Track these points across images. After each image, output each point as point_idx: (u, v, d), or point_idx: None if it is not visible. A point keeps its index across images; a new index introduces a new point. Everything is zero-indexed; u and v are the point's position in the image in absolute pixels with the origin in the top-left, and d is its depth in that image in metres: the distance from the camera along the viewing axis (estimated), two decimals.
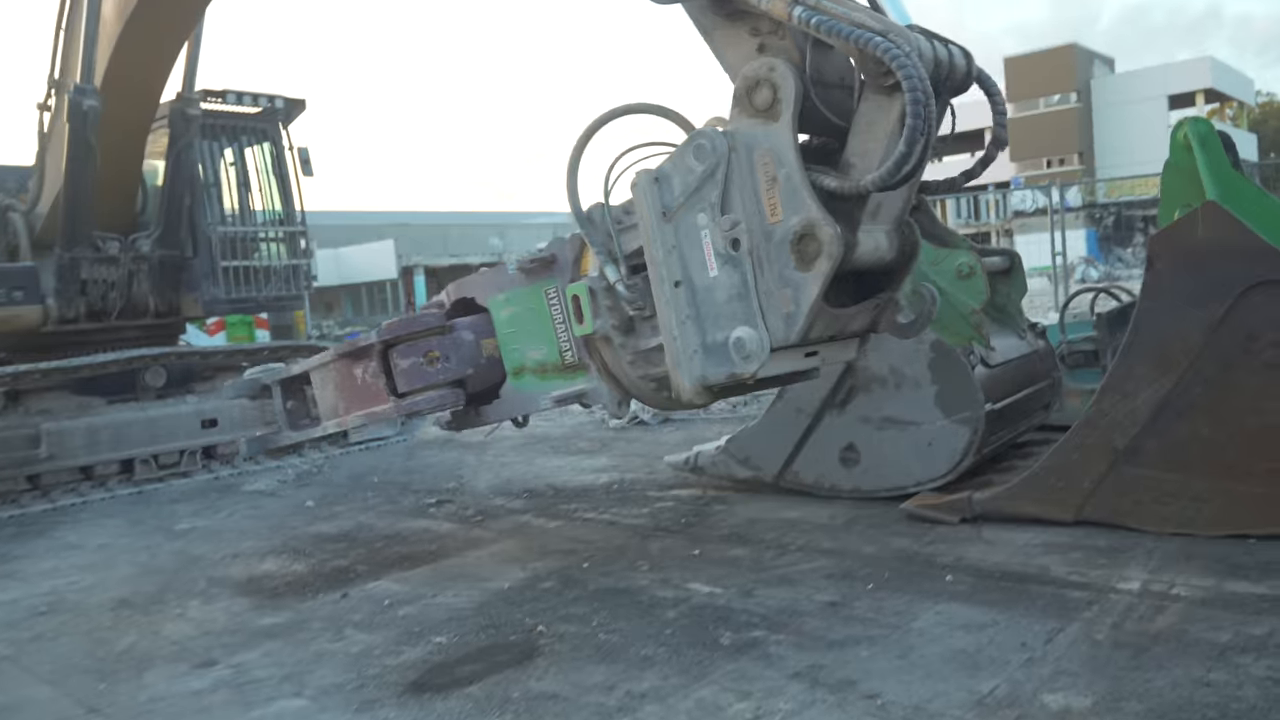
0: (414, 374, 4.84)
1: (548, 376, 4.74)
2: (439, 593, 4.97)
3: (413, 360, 4.84)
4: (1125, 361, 5.01)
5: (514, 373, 4.85)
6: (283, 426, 5.83)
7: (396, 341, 4.91)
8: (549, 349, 4.70)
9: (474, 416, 5.17)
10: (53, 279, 9.14)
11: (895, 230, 4.19)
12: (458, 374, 4.87)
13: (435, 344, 4.86)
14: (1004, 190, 54.67)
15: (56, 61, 8.86)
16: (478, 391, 5.02)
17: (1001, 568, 4.67)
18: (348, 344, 5.13)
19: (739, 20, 4.06)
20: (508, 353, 4.87)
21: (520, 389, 4.84)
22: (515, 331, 4.82)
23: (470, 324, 4.95)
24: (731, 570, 4.97)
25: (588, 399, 4.65)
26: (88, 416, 8.73)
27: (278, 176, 10.38)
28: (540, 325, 4.72)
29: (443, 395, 4.87)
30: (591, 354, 4.54)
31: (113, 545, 6.73)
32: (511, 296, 4.82)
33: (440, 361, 4.84)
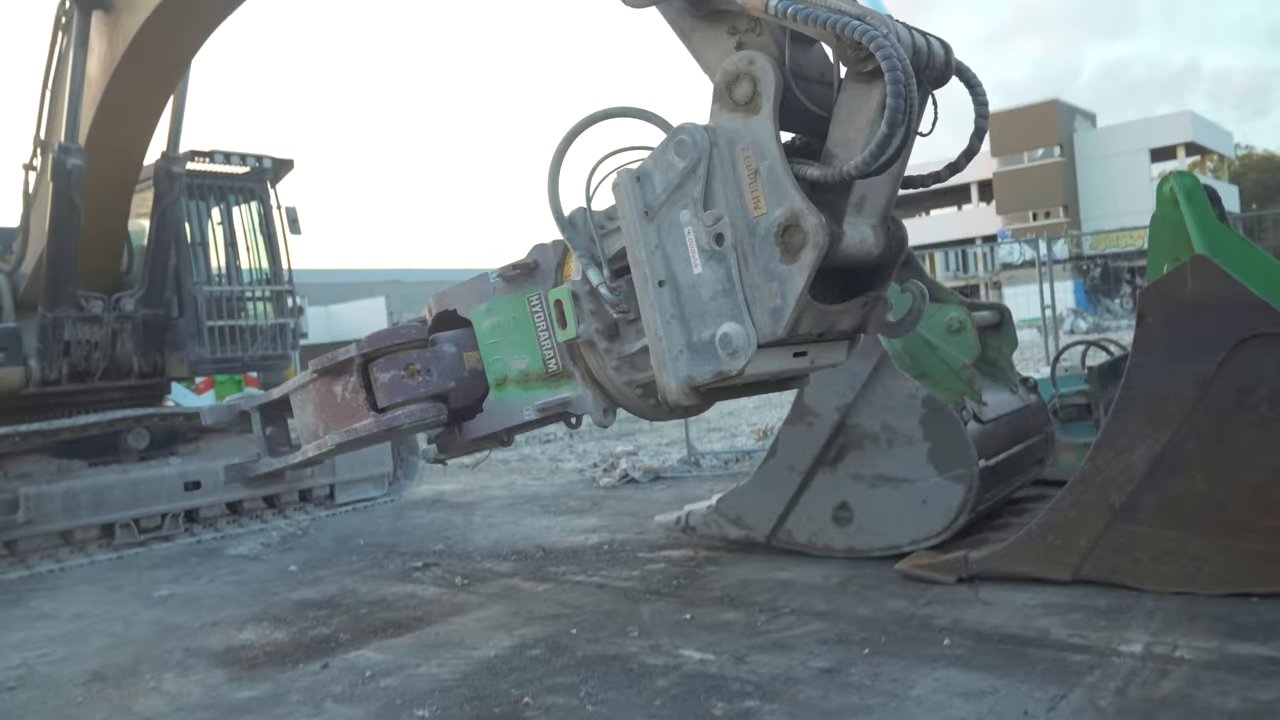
0: (394, 387, 4.64)
1: (531, 386, 4.57)
2: (422, 662, 4.82)
3: (393, 373, 4.64)
4: (1119, 417, 4.95)
5: (497, 384, 4.67)
6: (262, 453, 5.59)
7: (376, 355, 4.71)
8: (532, 357, 4.55)
9: (457, 436, 4.94)
10: (35, 340, 9.04)
11: (881, 225, 4.13)
12: (439, 388, 4.68)
13: (416, 357, 4.67)
14: (991, 243, 55.28)
15: (42, 121, 8.86)
16: (461, 407, 4.82)
17: (1000, 630, 4.55)
18: (326, 359, 4.92)
19: (716, 20, 4.04)
20: (490, 364, 4.70)
21: (503, 400, 4.65)
22: (498, 342, 4.65)
23: (452, 337, 4.80)
24: (724, 635, 4.84)
25: (572, 407, 4.48)
26: (68, 480, 8.57)
27: (265, 235, 10.35)
28: (523, 333, 4.57)
29: (424, 409, 4.66)
30: (575, 360, 4.41)
31: (88, 614, 6.55)
32: (493, 306, 4.66)
33: (421, 375, 4.65)
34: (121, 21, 7.83)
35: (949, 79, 4.08)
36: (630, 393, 4.32)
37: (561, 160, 4.23)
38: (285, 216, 10.31)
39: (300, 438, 5.26)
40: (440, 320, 4.90)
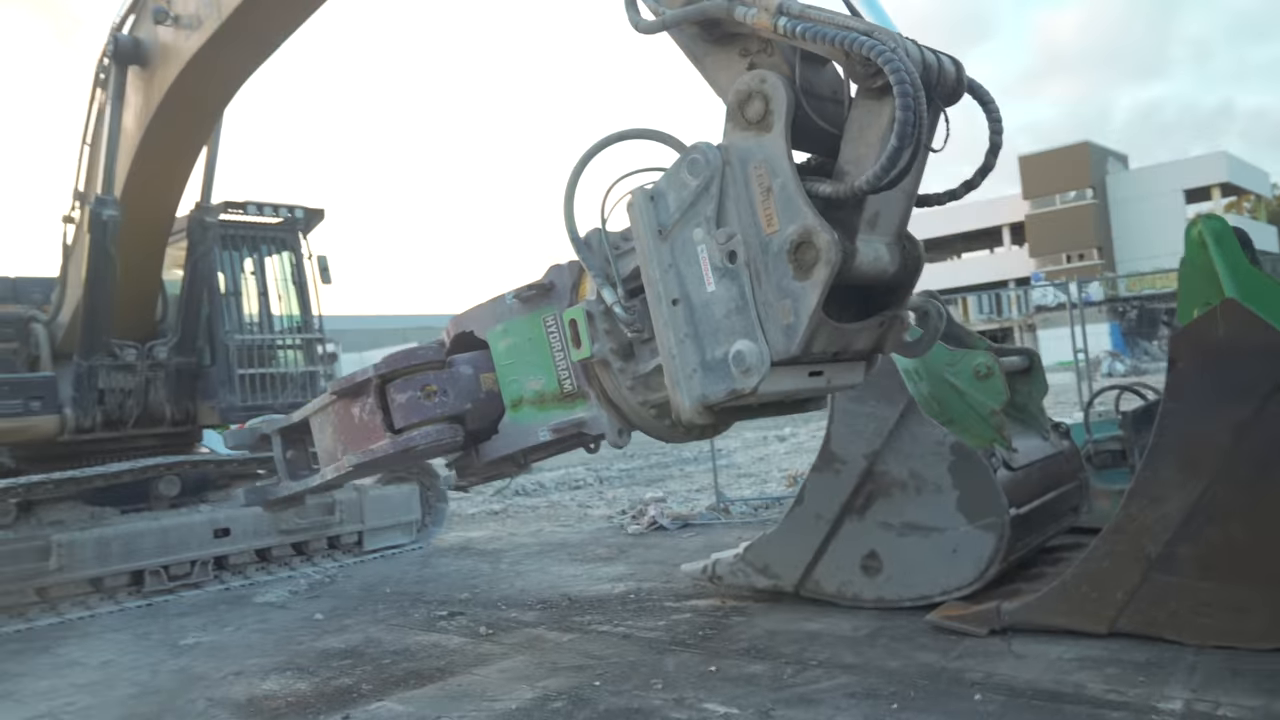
0: (411, 408, 4.62)
1: (546, 406, 4.54)
2: (443, 714, 4.77)
3: (410, 394, 4.62)
4: (1152, 465, 4.84)
5: (512, 405, 4.64)
6: (282, 477, 5.58)
7: (394, 375, 4.69)
8: (548, 378, 4.52)
9: (474, 459, 4.91)
10: (70, 388, 9.18)
11: (896, 243, 4.08)
12: (456, 409, 4.66)
13: (433, 378, 4.65)
14: (1024, 286, 54.84)
15: (80, 174, 9.10)
16: (478, 429, 4.79)
17: (1033, 685, 4.42)
18: (344, 380, 4.91)
19: (728, 43, 4.06)
20: (506, 385, 4.67)
21: (518, 421, 4.62)
22: (514, 363, 4.64)
23: (469, 358, 4.78)
24: (749, 689, 4.75)
25: (587, 428, 4.43)
26: (99, 527, 8.64)
27: (297, 284, 10.49)
28: (538, 354, 4.55)
29: (440, 430, 4.64)
30: (590, 380, 4.37)
31: (116, 662, 6.56)
32: (509, 327, 4.66)
33: (438, 395, 4.63)
34: (156, 76, 8.05)
35: (961, 96, 4.06)
36: (645, 413, 4.29)
37: (577, 182, 4.24)
38: (316, 265, 10.45)
39: (320, 459, 5.24)
40: (458, 342, 4.89)
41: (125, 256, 8.70)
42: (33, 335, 9.60)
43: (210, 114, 8.41)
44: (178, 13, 7.61)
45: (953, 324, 6.95)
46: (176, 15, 7.61)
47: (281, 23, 7.15)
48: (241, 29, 7.13)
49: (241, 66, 7.68)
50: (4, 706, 5.68)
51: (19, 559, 8.03)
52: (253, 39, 7.32)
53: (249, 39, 7.31)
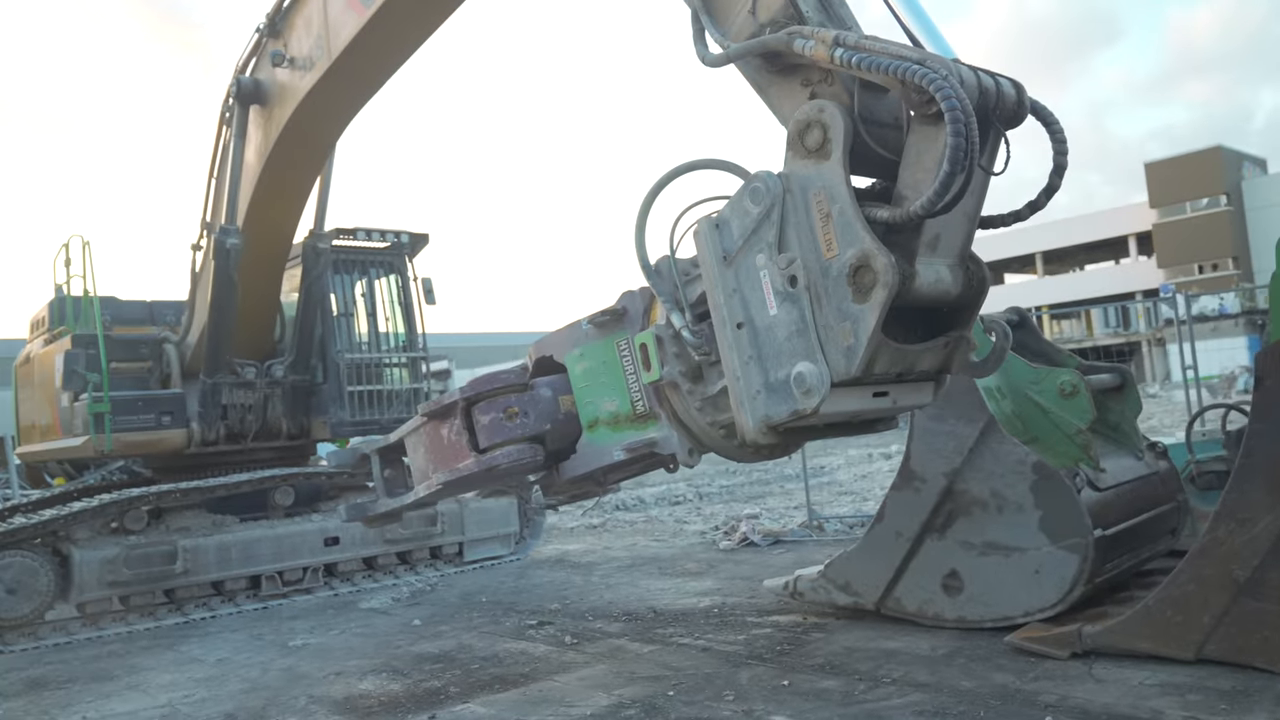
0: (494, 429, 4.90)
1: (620, 427, 4.74)
2: (521, 718, 4.98)
3: (493, 416, 4.90)
4: (1239, 486, 4.71)
5: (589, 425, 4.87)
6: (380, 494, 5.93)
7: (478, 398, 4.98)
8: (621, 399, 4.73)
9: (555, 477, 5.15)
10: (197, 404, 9.85)
11: (959, 264, 4.12)
12: (536, 429, 4.91)
13: (515, 400, 4.92)
14: (1153, 298, 52.40)
15: (208, 206, 9.77)
16: (558, 449, 5.03)
17: (1109, 709, 4.35)
18: (434, 403, 5.22)
19: (791, 74, 4.22)
20: (583, 406, 4.90)
21: (594, 441, 4.85)
22: (590, 385, 4.86)
23: (549, 381, 5.03)
24: (819, 703, 4.80)
25: (659, 447, 4.60)
26: (221, 534, 9.23)
27: (403, 306, 11.00)
28: (612, 377, 4.76)
29: (521, 450, 4.89)
30: (661, 402, 4.55)
31: (230, 660, 7.03)
32: (585, 351, 4.89)
33: (519, 417, 4.89)
34: (274, 114, 8.64)
35: (1023, 118, 4.08)
36: (714, 433, 4.42)
37: (647, 213, 4.43)
38: (421, 287, 10.95)
39: (414, 479, 5.56)
40: (539, 365, 5.14)
41: (246, 282, 9.33)
42: (165, 355, 10.34)
43: (323, 148, 8.97)
44: (293, 55, 8.17)
45: (1041, 341, 6.88)
46: (292, 58, 8.17)
47: (384, 63, 7.60)
48: (349, 69, 7.61)
49: (350, 103, 8.18)
50: (131, 696, 6.18)
51: (149, 562, 8.66)
52: (359, 78, 7.79)
53: (355, 78, 7.78)
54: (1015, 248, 69.04)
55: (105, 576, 8.47)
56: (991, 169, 4.03)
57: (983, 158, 3.98)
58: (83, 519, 8.66)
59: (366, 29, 7.19)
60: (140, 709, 5.84)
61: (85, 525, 8.70)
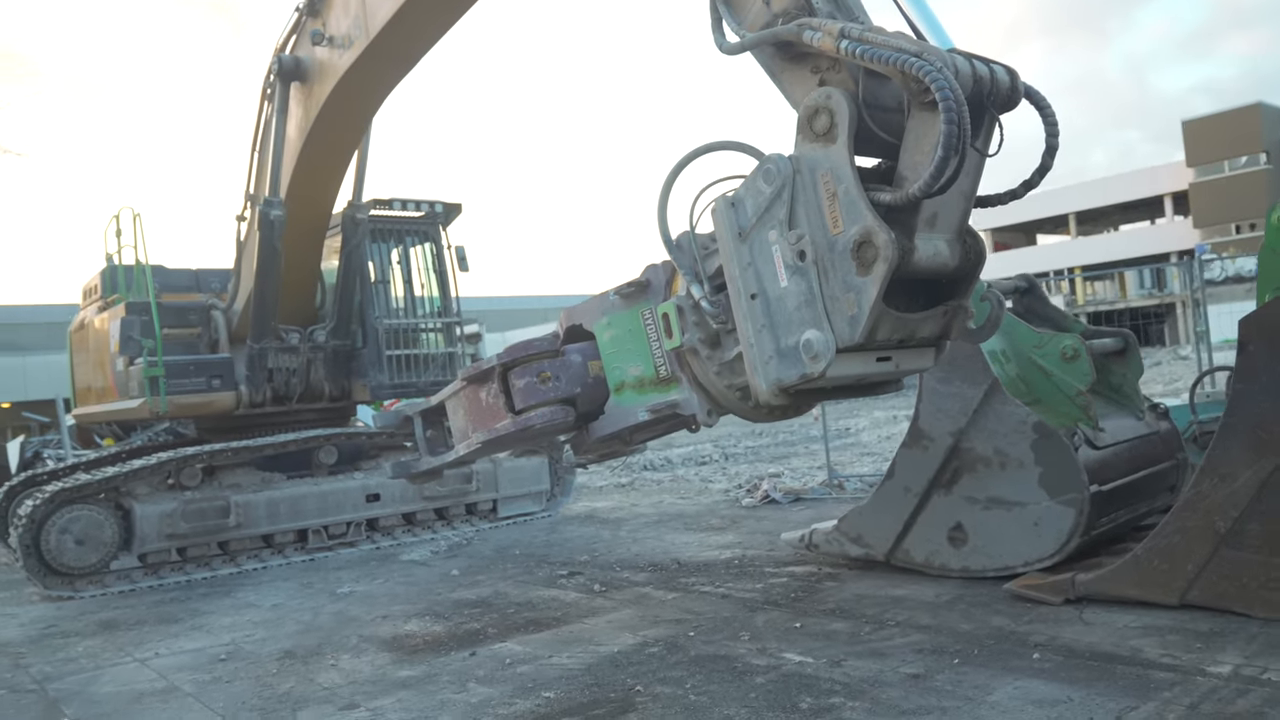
0: (529, 392, 5.32)
1: (645, 390, 5.15)
2: (555, 654, 5.44)
3: (528, 380, 5.33)
4: (1222, 443, 5.03)
5: (616, 389, 5.28)
6: (423, 453, 6.41)
7: (514, 364, 5.42)
8: (645, 365, 5.12)
9: (585, 437, 5.58)
10: (244, 368, 10.37)
11: (957, 239, 4.46)
12: (567, 392, 5.32)
13: (548, 365, 5.36)
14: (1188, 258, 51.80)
15: (251, 179, 10.20)
16: (587, 410, 5.44)
17: (1093, 648, 4.73)
18: (473, 368, 5.67)
19: (801, 61, 4.54)
20: (610, 371, 5.31)
21: (621, 403, 5.26)
22: (616, 351, 5.26)
23: (579, 348, 5.44)
24: (827, 643, 5.22)
25: (680, 409, 5.00)
26: (270, 490, 9.77)
27: (437, 273, 11.43)
28: (637, 344, 5.15)
29: (553, 411, 5.30)
30: (682, 366, 4.94)
31: (284, 605, 7.57)
32: (612, 320, 5.29)
33: (552, 381, 5.33)
34: (314, 90, 9.01)
35: (1017, 103, 4.38)
36: (731, 395, 4.81)
37: (669, 192, 4.80)
38: (455, 255, 11.36)
39: (454, 439, 6.01)
40: (570, 333, 5.55)
41: (289, 251, 9.77)
42: (213, 321, 10.86)
43: (361, 123, 9.35)
44: (331, 34, 8.52)
45: (1048, 306, 7.19)
46: (330, 36, 8.52)
47: (419, 41, 7.94)
48: (385, 48, 7.96)
49: (386, 80, 8.53)
50: (196, 635, 6.73)
51: (205, 516, 9.22)
52: (395, 56, 8.13)
53: (392, 56, 8.13)
54: (1048, 208, 68.19)
55: (164, 529, 9.04)
56: (986, 151, 4.34)
57: (978, 140, 4.30)
58: (142, 475, 9.23)
59: (402, 10, 7.51)
60: (207, 646, 6.38)
61: (145, 481, 9.27)
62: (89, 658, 6.37)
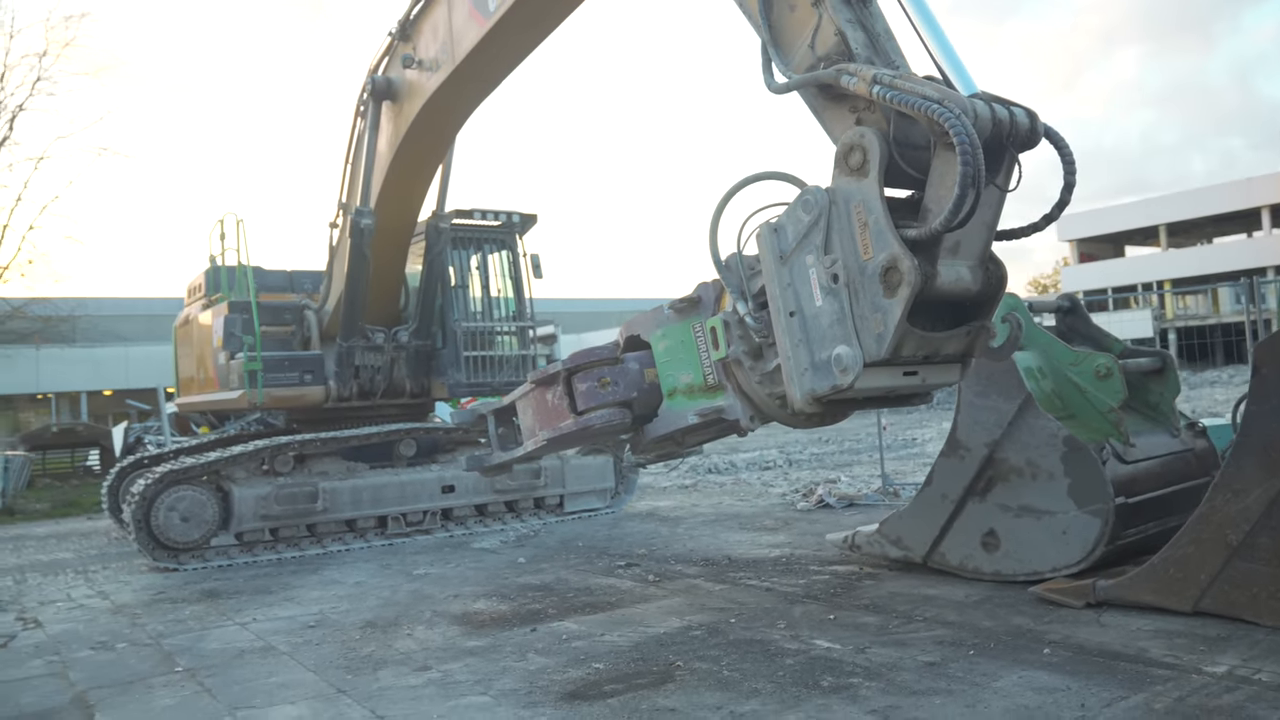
0: (590, 395, 5.94)
1: (694, 396, 5.70)
2: (607, 633, 5.99)
3: (589, 384, 5.96)
4: (1235, 461, 5.33)
5: (669, 394, 5.83)
6: (495, 449, 7.07)
7: (578, 369, 6.05)
8: (695, 373, 5.67)
9: (641, 436, 6.13)
10: (334, 364, 11.17)
11: (979, 265, 4.90)
12: (625, 396, 5.92)
13: (607, 371, 5.98)
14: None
15: (344, 189, 11.01)
16: (642, 414, 6.02)
17: (1102, 646, 5.09)
18: (541, 372, 6.32)
19: (840, 102, 5.04)
20: (664, 378, 5.87)
21: (673, 407, 5.81)
22: (669, 360, 5.83)
23: (636, 356, 6.03)
24: (856, 633, 5.67)
25: (725, 414, 5.53)
26: (354, 479, 10.53)
27: (513, 279, 12.11)
28: (688, 354, 5.71)
29: (611, 413, 5.91)
30: (728, 375, 5.47)
31: (366, 583, 8.27)
32: (667, 332, 5.86)
33: (611, 385, 5.94)
34: (403, 109, 9.75)
35: (1037, 142, 4.80)
36: (771, 403, 5.31)
37: (719, 217, 5.34)
38: (530, 263, 12.03)
39: (523, 436, 6.64)
40: (629, 343, 6.14)
41: (377, 257, 10.55)
42: (305, 320, 11.71)
43: (446, 139, 10.07)
44: (420, 58, 9.25)
45: (1090, 325, 7.50)
46: (420, 60, 9.25)
47: (501, 66, 8.60)
48: (470, 71, 8.64)
49: (470, 101, 9.23)
50: (288, 605, 7.46)
51: (295, 500, 10.01)
52: (479, 79, 8.81)
53: (476, 79, 8.81)
54: (1137, 219, 66.56)
55: (259, 511, 9.86)
56: (1006, 187, 4.76)
57: (999, 177, 4.73)
58: (241, 461, 10.07)
59: (486, 38, 8.17)
60: (298, 614, 7.09)
61: (243, 467, 10.11)
62: (195, 620, 7.15)
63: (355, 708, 4.82)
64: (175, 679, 5.55)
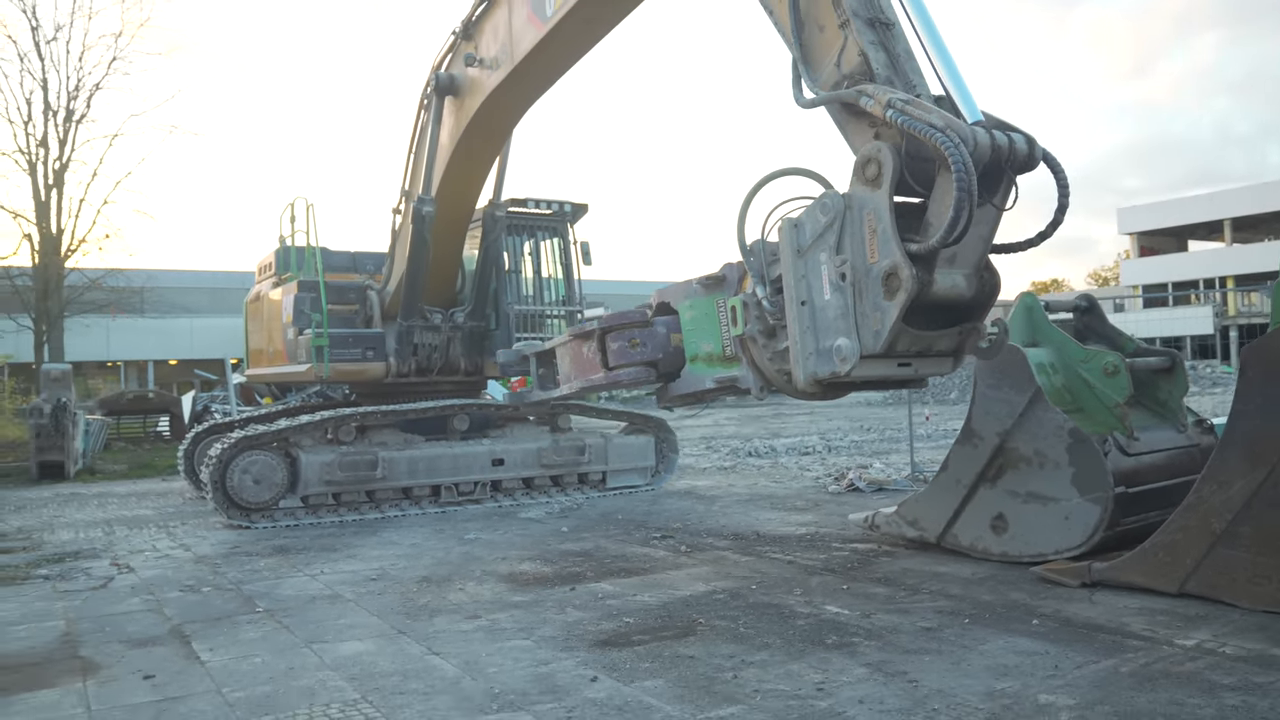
0: (621, 353, 6.70)
1: (713, 364, 6.40)
2: (639, 594, 6.61)
3: (620, 343, 6.72)
4: (1221, 455, 5.76)
5: (691, 359, 6.56)
6: (535, 387, 7.88)
7: (611, 329, 6.81)
8: (715, 344, 6.37)
9: (665, 391, 6.86)
10: (394, 342, 11.91)
11: (975, 274, 5.42)
12: (651, 357, 6.68)
13: (638, 333, 6.73)
14: None
15: (407, 177, 11.70)
16: (667, 373, 6.74)
17: (1088, 620, 5.58)
18: (579, 328, 7.06)
19: (861, 117, 5.56)
20: (688, 344, 6.58)
21: (694, 372, 6.54)
22: (694, 329, 6.52)
23: (665, 321, 6.74)
24: (865, 601, 6.21)
25: (739, 382, 6.21)
26: (411, 450, 11.26)
27: (563, 265, 12.75)
28: (711, 326, 6.39)
29: (638, 371, 6.67)
30: (743, 350, 6.09)
31: (421, 545, 8.98)
32: (694, 304, 6.54)
33: (640, 346, 6.69)
34: (465, 104, 10.39)
35: (1035, 165, 5.29)
36: (780, 378, 5.90)
37: (747, 208, 5.93)
38: (579, 250, 12.64)
39: (560, 380, 7.40)
40: (660, 308, 6.84)
41: (436, 242, 11.24)
42: (368, 300, 12.46)
43: (504, 133, 10.72)
44: (482, 56, 9.87)
45: (1105, 324, 7.93)
46: (481, 59, 9.87)
47: (558, 66, 9.19)
48: (528, 71, 9.24)
49: (528, 98, 9.84)
50: (351, 562, 8.19)
51: (357, 468, 10.77)
52: (536, 78, 9.42)
53: (533, 78, 9.41)
54: (1201, 213, 65.26)
55: (323, 476, 10.64)
56: (1003, 206, 5.26)
57: (996, 198, 5.23)
58: (308, 430, 10.85)
59: (544, 40, 8.76)
60: (360, 569, 7.82)
61: (309, 435, 10.89)
62: (269, 570, 7.91)
63: (414, 645, 5.49)
64: (256, 617, 6.29)
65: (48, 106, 29.83)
